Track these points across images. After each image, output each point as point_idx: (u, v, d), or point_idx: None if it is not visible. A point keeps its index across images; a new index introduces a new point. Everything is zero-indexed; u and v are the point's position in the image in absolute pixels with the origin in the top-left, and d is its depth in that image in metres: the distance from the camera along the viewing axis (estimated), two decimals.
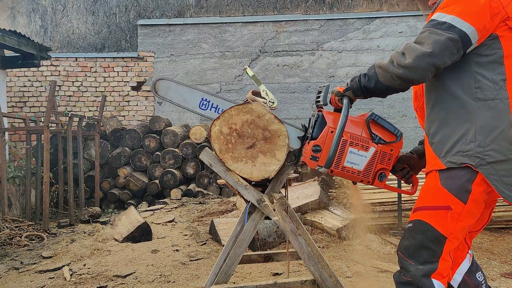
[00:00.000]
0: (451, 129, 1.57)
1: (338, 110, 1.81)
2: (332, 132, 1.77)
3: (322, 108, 1.88)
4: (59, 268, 3.59)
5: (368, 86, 1.65)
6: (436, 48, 1.48)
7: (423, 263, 1.58)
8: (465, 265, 1.75)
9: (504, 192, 1.49)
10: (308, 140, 1.89)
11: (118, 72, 8.35)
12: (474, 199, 1.52)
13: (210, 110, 2.13)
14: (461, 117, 1.55)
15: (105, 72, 8.36)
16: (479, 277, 1.78)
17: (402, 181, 2.14)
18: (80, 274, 3.42)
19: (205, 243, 4.23)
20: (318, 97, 1.87)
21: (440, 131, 1.61)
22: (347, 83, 1.75)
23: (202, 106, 2.12)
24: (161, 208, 6.02)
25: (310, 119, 1.94)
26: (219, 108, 2.12)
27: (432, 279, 1.56)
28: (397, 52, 1.58)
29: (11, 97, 8.18)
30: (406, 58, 1.52)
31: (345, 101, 1.73)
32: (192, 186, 6.95)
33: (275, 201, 2.17)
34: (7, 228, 4.82)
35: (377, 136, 1.80)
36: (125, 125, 8.19)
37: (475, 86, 1.53)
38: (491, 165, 1.49)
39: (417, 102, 1.83)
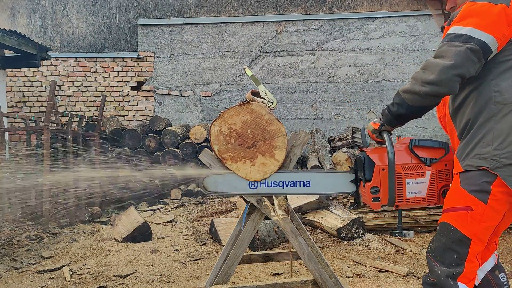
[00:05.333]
0: (471, 133, 1.59)
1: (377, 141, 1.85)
2: (383, 169, 1.77)
3: (364, 148, 1.89)
4: (59, 268, 3.59)
5: (401, 113, 1.66)
6: (458, 59, 1.49)
7: (449, 265, 1.59)
8: (489, 264, 1.75)
9: None
10: (363, 183, 1.89)
11: (118, 72, 8.35)
12: (495, 199, 1.52)
13: (260, 186, 2.11)
14: (480, 121, 1.57)
15: (105, 72, 8.36)
16: (502, 277, 1.78)
17: None
18: (80, 274, 3.42)
19: (205, 243, 4.23)
20: (355, 137, 1.89)
21: (463, 136, 1.64)
22: (380, 118, 1.77)
23: (251, 186, 2.11)
24: (161, 208, 6.02)
25: (355, 159, 1.95)
26: (267, 181, 2.11)
27: (458, 282, 1.56)
28: (417, 72, 1.59)
29: (11, 97, 8.18)
30: (429, 74, 1.53)
31: (385, 136, 1.75)
32: (192, 186, 6.94)
33: (275, 201, 2.17)
34: (7, 228, 4.82)
35: (426, 158, 1.78)
36: (125, 125, 8.18)
37: (494, 90, 1.54)
38: (508, 167, 1.49)
39: (439, 113, 1.86)
